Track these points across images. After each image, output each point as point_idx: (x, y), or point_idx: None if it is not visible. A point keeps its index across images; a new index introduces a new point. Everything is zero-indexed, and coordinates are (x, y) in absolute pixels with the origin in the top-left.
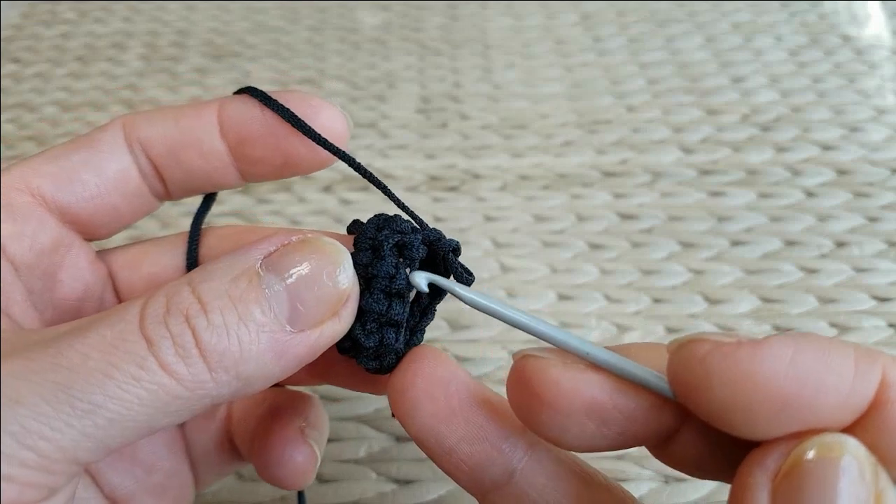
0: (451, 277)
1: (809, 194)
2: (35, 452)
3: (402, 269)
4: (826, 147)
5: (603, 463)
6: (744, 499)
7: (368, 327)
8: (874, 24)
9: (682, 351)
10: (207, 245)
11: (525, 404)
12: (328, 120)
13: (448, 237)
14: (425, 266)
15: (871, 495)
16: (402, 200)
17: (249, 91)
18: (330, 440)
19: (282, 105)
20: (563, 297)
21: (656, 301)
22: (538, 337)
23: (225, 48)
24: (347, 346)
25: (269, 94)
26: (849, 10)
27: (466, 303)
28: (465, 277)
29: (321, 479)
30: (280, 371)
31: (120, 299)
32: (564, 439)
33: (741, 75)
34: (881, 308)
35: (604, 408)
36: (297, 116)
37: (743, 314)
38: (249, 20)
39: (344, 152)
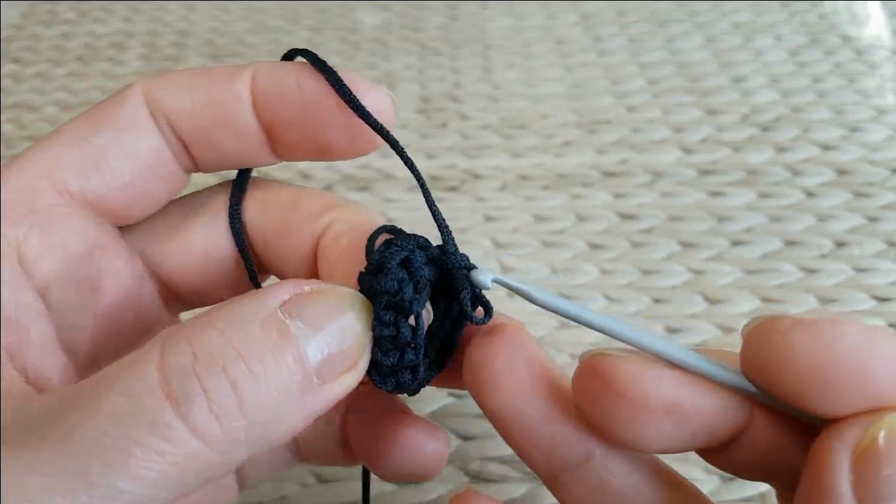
0: (466, 310)
1: (809, 194)
2: None
3: (406, 285)
4: (826, 147)
5: None
6: (825, 471)
7: (385, 347)
8: (874, 24)
9: (762, 328)
10: (250, 217)
11: (601, 402)
12: (375, 101)
13: (472, 265)
14: (441, 288)
15: None
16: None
17: (305, 55)
18: None
19: (338, 77)
20: (563, 298)
21: (656, 301)
22: (612, 336)
23: (225, 48)
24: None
25: (324, 64)
26: (849, 10)
27: (539, 305)
28: (474, 317)
29: (321, 479)
30: (300, 425)
31: (168, 291)
32: (640, 439)
33: (741, 75)
34: (881, 308)
35: (683, 406)
36: (350, 92)
37: (743, 314)
38: (249, 20)
39: (395, 140)
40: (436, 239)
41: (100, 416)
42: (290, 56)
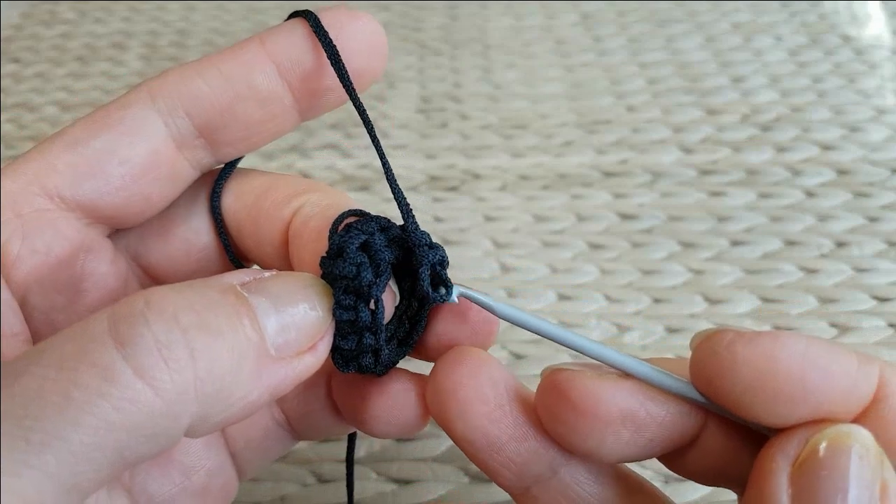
0: (426, 288)
1: (809, 194)
2: None
3: (364, 270)
4: (826, 147)
5: None
6: (766, 482)
7: (344, 331)
8: (874, 24)
9: (709, 341)
10: (225, 206)
11: (561, 416)
12: (365, 32)
13: (434, 244)
14: (401, 270)
15: (877, 480)
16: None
17: (307, 16)
18: (328, 440)
19: (331, 43)
20: (562, 298)
21: (656, 301)
22: (572, 348)
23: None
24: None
25: (321, 27)
26: (849, 10)
27: (501, 317)
28: (434, 295)
29: (321, 478)
30: (259, 398)
31: (153, 283)
32: (600, 449)
33: (741, 75)
34: (881, 308)
35: (638, 415)
36: (337, 55)
37: (743, 314)
38: (249, 20)
39: (362, 106)
40: (435, 237)
41: (43, 360)
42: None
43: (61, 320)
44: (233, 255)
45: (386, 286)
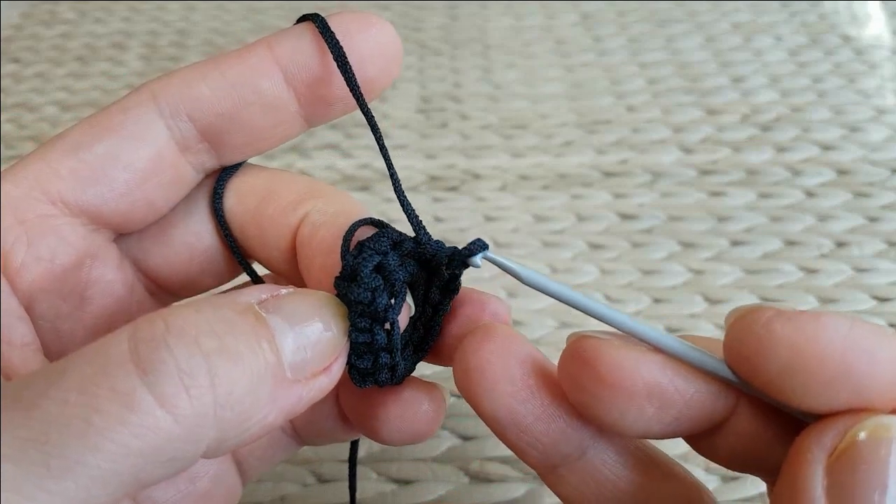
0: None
1: (809, 194)
2: None
3: (380, 295)
4: (826, 147)
5: None
6: (800, 473)
7: (360, 351)
8: (874, 24)
9: (746, 318)
10: (227, 207)
11: (584, 386)
12: (380, 37)
13: (450, 248)
14: (420, 276)
15: None
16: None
17: (314, 20)
18: None
19: (339, 47)
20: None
21: (656, 301)
22: (597, 318)
23: (225, 48)
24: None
25: (329, 31)
26: (849, 10)
27: (526, 283)
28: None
29: (321, 478)
30: (273, 421)
31: (156, 284)
32: (622, 422)
33: (741, 75)
34: (881, 308)
35: (665, 390)
36: (346, 63)
37: None
38: (249, 20)
39: (370, 113)
40: (435, 237)
41: (64, 384)
42: (300, 24)
43: (66, 329)
44: (241, 257)
45: (402, 307)
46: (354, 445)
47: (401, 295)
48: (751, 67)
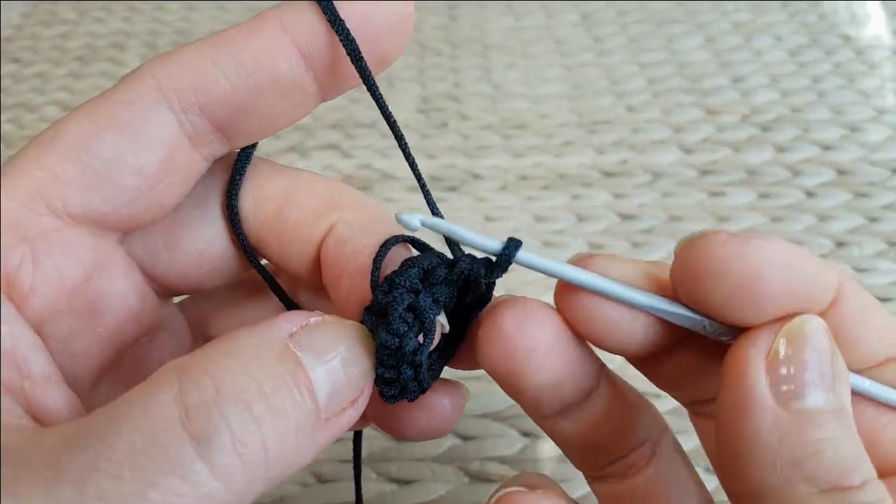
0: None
1: (809, 194)
2: None
3: (408, 340)
4: (826, 147)
5: None
6: (745, 375)
7: (387, 380)
8: (874, 24)
9: (700, 241)
10: (244, 212)
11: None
12: (393, 13)
13: (485, 261)
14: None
15: (829, 362)
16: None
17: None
18: None
19: (346, 29)
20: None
21: None
22: (577, 284)
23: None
24: None
25: (335, 13)
26: (849, 10)
27: (472, 246)
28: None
29: (321, 478)
30: (308, 461)
31: (160, 287)
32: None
33: (741, 75)
34: None
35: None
36: (356, 48)
37: None
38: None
39: (380, 96)
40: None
41: (115, 455)
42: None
43: (80, 347)
44: (261, 269)
45: (432, 342)
46: (358, 444)
47: (431, 333)
48: (751, 67)
